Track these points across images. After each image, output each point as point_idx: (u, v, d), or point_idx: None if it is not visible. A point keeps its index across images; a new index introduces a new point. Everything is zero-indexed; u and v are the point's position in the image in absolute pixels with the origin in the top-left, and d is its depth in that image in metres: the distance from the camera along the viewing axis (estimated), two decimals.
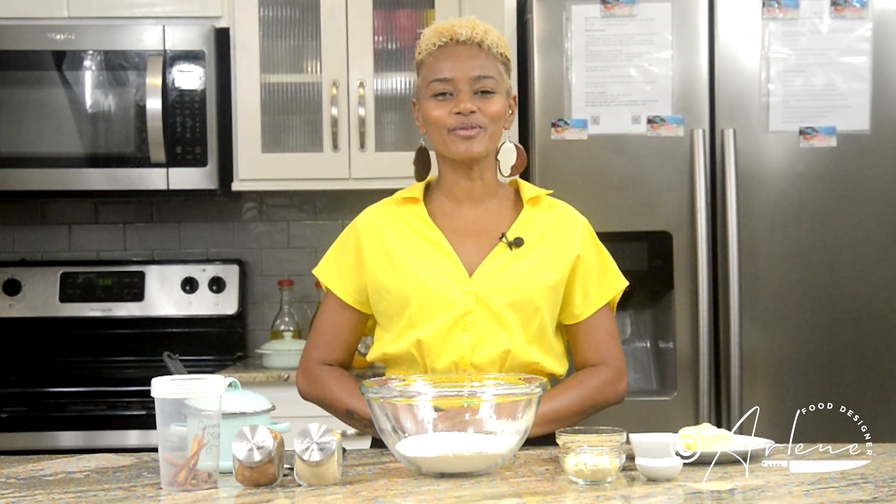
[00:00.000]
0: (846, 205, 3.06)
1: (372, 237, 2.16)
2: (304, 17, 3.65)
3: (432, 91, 2.10)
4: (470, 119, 2.08)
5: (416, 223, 2.16)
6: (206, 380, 1.73)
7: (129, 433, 3.25)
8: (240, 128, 3.62)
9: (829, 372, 3.04)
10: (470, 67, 2.09)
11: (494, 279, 2.10)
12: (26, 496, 1.68)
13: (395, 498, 1.65)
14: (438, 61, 2.11)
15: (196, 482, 1.69)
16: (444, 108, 2.09)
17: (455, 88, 2.09)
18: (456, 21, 2.14)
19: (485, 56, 2.10)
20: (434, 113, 2.10)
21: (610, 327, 2.20)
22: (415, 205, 2.18)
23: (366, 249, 2.16)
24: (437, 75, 2.10)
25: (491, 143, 2.12)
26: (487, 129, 2.09)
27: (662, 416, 3.01)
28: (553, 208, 2.20)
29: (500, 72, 2.12)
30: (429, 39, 2.14)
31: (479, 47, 2.10)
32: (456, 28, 2.11)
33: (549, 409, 2.06)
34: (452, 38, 2.11)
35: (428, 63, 2.13)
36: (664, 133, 3.05)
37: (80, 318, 3.81)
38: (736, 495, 1.65)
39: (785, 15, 3.05)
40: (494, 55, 2.12)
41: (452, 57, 2.10)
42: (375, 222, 2.18)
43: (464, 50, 2.10)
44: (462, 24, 2.12)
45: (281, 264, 3.96)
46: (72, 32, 3.53)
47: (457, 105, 2.08)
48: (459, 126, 2.08)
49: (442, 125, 2.09)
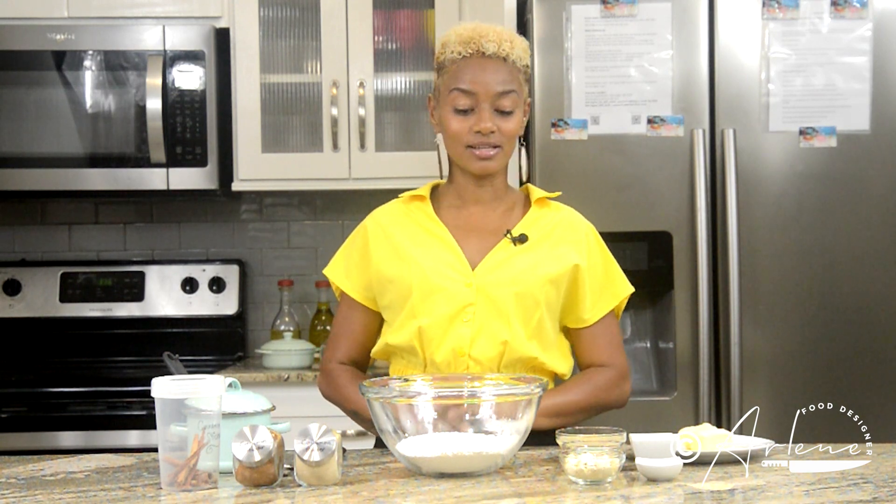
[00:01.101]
0: (846, 205, 3.06)
1: (379, 234, 2.20)
2: (304, 17, 3.65)
3: (453, 102, 2.12)
4: (489, 139, 2.11)
5: (423, 219, 2.20)
6: (206, 380, 1.73)
7: (129, 433, 3.25)
8: (240, 128, 3.62)
9: (829, 372, 3.04)
10: (494, 82, 2.10)
11: (496, 272, 2.13)
12: (26, 496, 1.69)
13: (395, 498, 1.65)
14: (462, 71, 2.12)
15: (196, 482, 1.70)
16: (465, 123, 2.11)
17: (476, 103, 2.11)
18: (483, 31, 2.13)
19: (508, 70, 2.12)
20: (454, 127, 2.12)
21: (615, 332, 2.23)
22: (421, 202, 2.22)
23: (372, 245, 2.19)
24: (460, 85, 2.11)
25: (505, 159, 2.17)
26: (504, 148, 2.14)
27: (662, 416, 3.01)
28: (560, 212, 2.24)
29: (521, 83, 2.14)
30: (453, 45, 2.14)
31: (504, 61, 2.12)
32: (483, 41, 2.11)
33: (555, 402, 2.08)
34: (479, 50, 2.11)
35: (451, 70, 2.13)
36: (664, 133, 3.05)
37: (80, 318, 3.81)
38: (736, 495, 1.65)
39: (785, 15, 3.05)
40: (518, 68, 2.14)
41: (477, 70, 2.11)
42: (383, 220, 2.23)
43: (489, 64, 2.11)
44: (489, 38, 2.11)
45: (281, 264, 3.97)
46: (72, 32, 3.53)
47: (477, 123, 2.10)
48: (478, 145, 2.11)
49: (460, 141, 2.13)
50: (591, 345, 2.21)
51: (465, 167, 2.16)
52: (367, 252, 2.20)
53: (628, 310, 3.17)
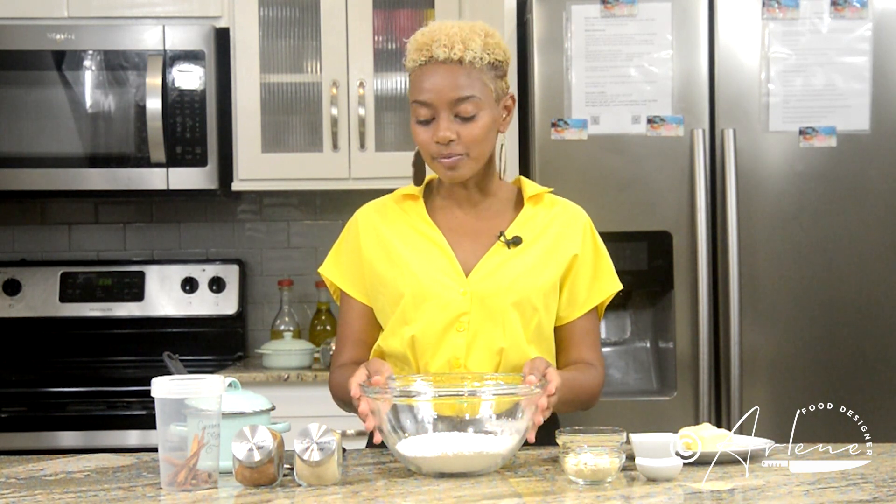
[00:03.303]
0: (846, 205, 3.06)
1: (369, 230, 2.16)
2: (304, 17, 3.65)
3: (415, 113, 2.07)
4: (450, 148, 2.04)
5: (415, 220, 2.15)
6: (206, 380, 1.73)
7: (129, 433, 3.25)
8: (240, 128, 3.62)
9: (829, 372, 3.04)
10: (448, 88, 2.02)
11: (491, 279, 2.08)
12: (26, 496, 1.68)
13: (395, 498, 1.65)
14: (419, 80, 2.05)
15: (196, 482, 1.69)
16: (427, 133, 2.05)
17: (435, 112, 2.04)
18: (436, 34, 2.04)
19: (466, 73, 2.03)
20: (419, 137, 2.07)
21: (597, 330, 2.18)
22: (414, 202, 2.17)
23: (363, 241, 2.15)
24: (417, 97, 2.05)
25: (476, 164, 2.08)
26: (470, 153, 2.05)
27: (662, 416, 3.01)
28: (555, 206, 2.18)
29: (484, 84, 2.04)
30: (411, 53, 2.08)
31: (460, 64, 2.02)
32: (434, 46, 2.03)
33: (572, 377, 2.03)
34: (431, 56, 2.03)
35: (412, 79, 2.08)
36: (664, 133, 3.05)
37: (80, 318, 3.81)
38: (736, 495, 1.65)
39: (785, 15, 3.05)
40: (479, 68, 2.04)
41: (431, 77, 2.03)
42: (373, 217, 2.18)
43: (442, 69, 2.03)
44: (440, 42, 2.03)
45: (281, 264, 3.97)
46: (72, 32, 3.53)
47: (435, 133, 2.04)
48: (441, 155, 2.05)
49: (426, 152, 2.08)
50: (578, 341, 2.14)
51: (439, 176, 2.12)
52: (359, 247, 2.15)
53: (628, 310, 3.18)
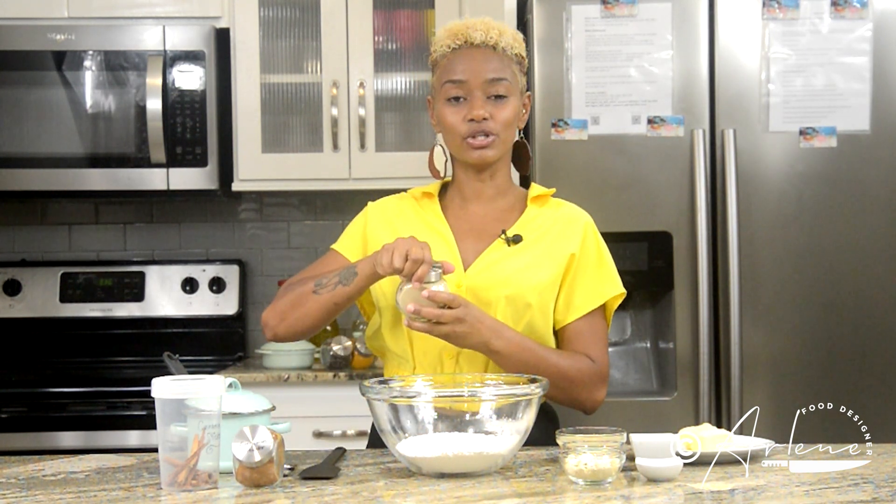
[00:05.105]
0: (846, 205, 3.06)
1: (378, 220, 2.20)
2: (304, 17, 3.65)
3: (446, 93, 2.13)
4: (483, 126, 2.10)
5: (428, 215, 2.20)
6: (206, 380, 1.73)
7: (129, 433, 3.25)
8: (240, 128, 3.62)
9: (829, 372, 3.04)
10: (484, 70, 2.11)
11: (486, 273, 2.11)
12: (26, 496, 1.68)
13: (395, 498, 1.65)
14: (452, 63, 2.13)
15: (196, 482, 1.69)
16: (458, 113, 2.11)
17: (468, 92, 2.11)
18: (470, 23, 2.15)
19: (499, 58, 2.12)
20: (448, 119, 2.13)
21: (600, 331, 2.16)
22: (429, 200, 2.22)
23: (370, 230, 2.19)
24: (451, 76, 2.12)
25: (503, 147, 2.15)
26: (500, 136, 2.12)
27: (662, 416, 3.01)
28: (560, 208, 2.22)
29: (514, 73, 2.14)
30: (443, 40, 2.16)
31: (494, 50, 2.12)
32: (470, 31, 2.13)
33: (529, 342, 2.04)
34: (467, 40, 2.13)
35: (442, 64, 2.15)
36: (664, 133, 3.05)
37: (80, 318, 3.81)
38: (736, 495, 1.65)
39: (785, 15, 3.05)
40: (510, 56, 2.14)
41: (466, 59, 2.12)
42: (386, 208, 2.23)
43: (478, 53, 2.12)
44: (476, 27, 2.13)
45: (281, 264, 3.96)
46: (72, 32, 3.53)
47: (470, 111, 2.10)
48: (471, 133, 2.10)
49: (456, 132, 2.12)
50: (575, 339, 2.13)
51: (463, 159, 2.15)
52: (365, 233, 2.20)
53: (628, 310, 3.18)
